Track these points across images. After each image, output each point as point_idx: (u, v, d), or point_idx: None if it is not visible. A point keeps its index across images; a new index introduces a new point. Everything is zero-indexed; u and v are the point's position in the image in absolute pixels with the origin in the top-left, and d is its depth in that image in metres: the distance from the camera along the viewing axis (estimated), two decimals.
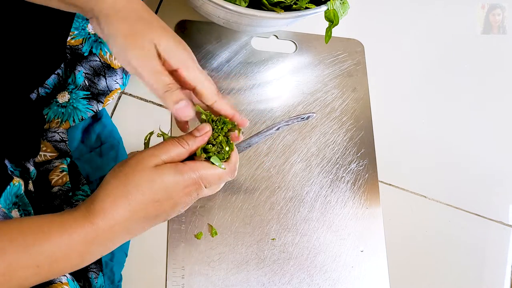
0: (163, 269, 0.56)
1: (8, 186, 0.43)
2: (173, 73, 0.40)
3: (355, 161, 0.67)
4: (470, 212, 0.70)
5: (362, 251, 0.63)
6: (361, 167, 0.67)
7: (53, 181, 0.51)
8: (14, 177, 0.44)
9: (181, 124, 0.45)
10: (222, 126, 0.42)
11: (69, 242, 0.34)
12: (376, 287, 0.62)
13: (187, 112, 0.40)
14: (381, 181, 0.68)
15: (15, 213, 0.44)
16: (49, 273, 0.35)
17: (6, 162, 0.44)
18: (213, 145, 0.41)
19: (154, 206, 0.37)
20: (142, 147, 0.60)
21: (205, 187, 0.40)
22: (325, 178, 0.65)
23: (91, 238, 0.35)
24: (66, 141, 0.54)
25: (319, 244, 0.62)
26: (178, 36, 0.42)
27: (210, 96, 0.41)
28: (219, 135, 0.41)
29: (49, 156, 0.53)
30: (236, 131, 0.43)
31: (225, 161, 0.41)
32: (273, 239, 0.60)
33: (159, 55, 0.39)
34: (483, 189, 0.72)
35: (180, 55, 0.40)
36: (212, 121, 0.42)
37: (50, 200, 0.51)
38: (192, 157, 0.41)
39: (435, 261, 0.66)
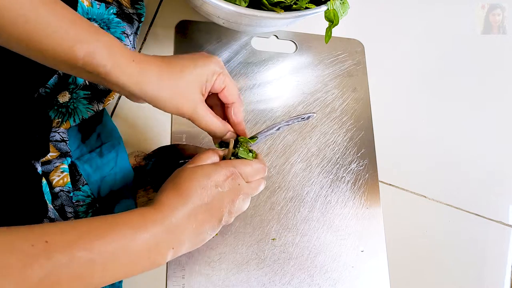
0: (163, 269, 0.56)
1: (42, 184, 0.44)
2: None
3: (355, 161, 0.68)
4: (470, 212, 0.70)
5: (362, 251, 0.63)
6: (361, 167, 0.67)
7: (54, 182, 0.51)
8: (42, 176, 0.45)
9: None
10: (241, 141, 0.50)
11: (147, 236, 0.38)
12: (376, 287, 0.62)
13: (233, 137, 0.49)
14: (381, 181, 0.68)
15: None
16: (131, 267, 0.38)
17: None
18: (238, 147, 0.48)
19: (201, 191, 0.42)
20: (142, 146, 0.60)
21: (243, 179, 0.45)
22: (325, 178, 0.65)
23: (163, 231, 0.39)
24: (67, 141, 0.54)
25: (319, 244, 0.62)
26: (201, 55, 0.47)
27: (231, 97, 0.48)
28: (241, 144, 0.49)
29: (50, 156, 0.53)
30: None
31: (254, 157, 0.49)
32: (273, 239, 0.60)
33: (203, 92, 0.46)
34: (483, 189, 0.72)
35: (210, 79, 0.46)
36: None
37: (51, 201, 0.51)
38: None
39: (435, 261, 0.66)
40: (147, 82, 0.42)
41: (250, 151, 0.49)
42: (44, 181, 0.46)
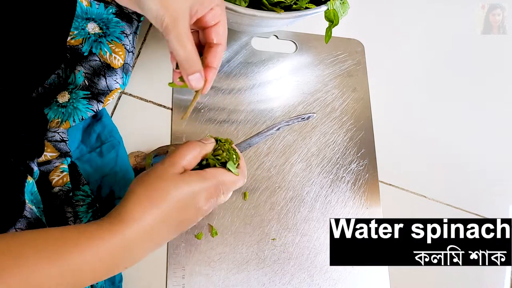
0: (163, 269, 0.56)
1: (26, 183, 0.43)
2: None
3: (355, 161, 0.67)
4: (470, 212, 0.70)
5: None
6: (361, 167, 0.67)
7: (53, 182, 0.51)
8: (27, 174, 0.44)
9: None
10: (225, 142, 0.46)
11: (95, 252, 0.34)
12: (376, 287, 0.62)
13: (199, 83, 0.41)
14: (381, 181, 0.68)
15: (34, 209, 0.44)
16: (73, 284, 0.34)
17: None
18: (223, 151, 0.44)
19: (179, 211, 0.38)
20: (142, 146, 0.60)
21: (223, 193, 0.42)
22: (326, 178, 0.65)
23: (118, 247, 0.35)
24: (66, 141, 0.54)
25: (320, 244, 0.62)
26: None
27: (221, 36, 0.42)
28: (224, 144, 0.45)
29: (49, 156, 0.53)
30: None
31: (236, 167, 0.45)
32: (273, 239, 0.60)
33: (192, 14, 0.39)
34: (483, 189, 0.72)
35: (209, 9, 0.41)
36: (216, 140, 0.46)
37: (50, 201, 0.51)
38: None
39: None
40: None
41: (234, 152, 0.46)
42: (30, 180, 0.44)
